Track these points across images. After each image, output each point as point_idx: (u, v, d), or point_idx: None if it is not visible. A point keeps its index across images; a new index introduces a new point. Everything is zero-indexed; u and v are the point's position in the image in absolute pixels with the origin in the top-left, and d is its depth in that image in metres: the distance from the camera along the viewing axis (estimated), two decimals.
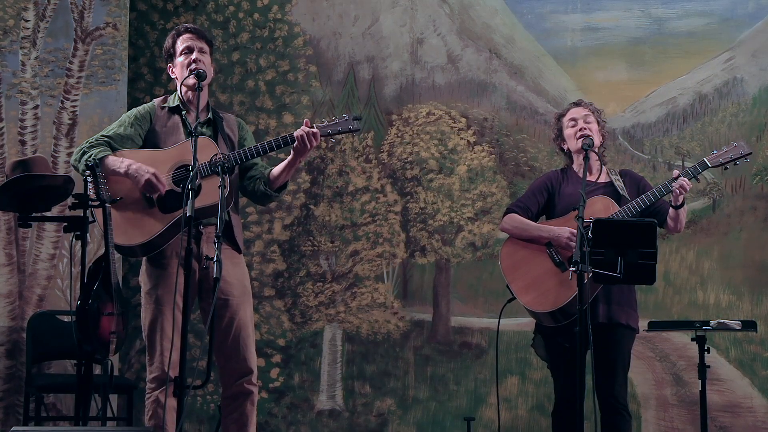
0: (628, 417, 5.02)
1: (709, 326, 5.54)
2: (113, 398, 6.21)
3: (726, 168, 5.07)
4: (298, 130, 4.77)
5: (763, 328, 6.34)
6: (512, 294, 5.09)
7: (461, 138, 6.99)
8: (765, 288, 6.51)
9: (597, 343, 4.77)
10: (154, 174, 4.70)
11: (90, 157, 4.71)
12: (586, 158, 4.91)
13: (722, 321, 5.64)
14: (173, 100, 4.97)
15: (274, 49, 7.18)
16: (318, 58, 7.16)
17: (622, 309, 5.04)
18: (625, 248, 4.74)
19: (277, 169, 4.88)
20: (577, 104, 5.27)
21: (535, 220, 5.18)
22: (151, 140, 4.88)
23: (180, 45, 4.91)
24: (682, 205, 4.98)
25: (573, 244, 4.89)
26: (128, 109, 6.90)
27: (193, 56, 4.86)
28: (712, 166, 5.02)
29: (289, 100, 7.16)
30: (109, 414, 5.88)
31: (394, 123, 7.06)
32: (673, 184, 4.90)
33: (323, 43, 7.18)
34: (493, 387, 6.67)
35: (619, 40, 6.84)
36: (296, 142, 4.76)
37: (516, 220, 5.15)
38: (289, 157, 4.83)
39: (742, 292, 6.54)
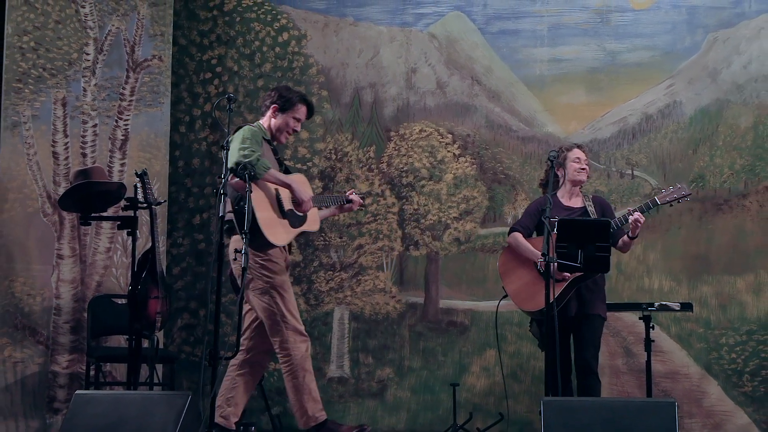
0: (598, 381, 5.36)
1: (653, 307, 5.62)
2: (159, 367, 6.22)
3: (671, 205, 5.53)
4: (356, 199, 5.51)
5: (698, 309, 6.38)
6: (506, 292, 5.48)
7: (448, 151, 7.00)
8: (700, 276, 6.54)
9: (576, 327, 5.37)
10: (311, 197, 5.24)
11: (262, 164, 5.01)
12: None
13: (664, 303, 5.71)
14: (266, 133, 5.30)
15: (292, 77, 7.20)
16: (328, 84, 7.18)
17: (593, 303, 5.39)
18: (584, 243, 4.83)
19: (324, 213, 5.54)
20: (580, 147, 5.63)
21: (531, 235, 5.54)
22: None
23: (300, 114, 5.33)
24: (636, 236, 5.37)
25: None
26: (171, 127, 6.97)
27: (299, 127, 5.38)
28: (661, 204, 5.45)
29: None
30: (155, 380, 5.89)
31: (392, 138, 7.08)
32: (630, 217, 5.28)
33: (333, 72, 7.20)
34: (475, 357, 6.73)
35: (579, 69, 6.86)
36: (349, 205, 5.53)
37: (519, 240, 5.51)
38: (334, 209, 5.56)
39: (680, 279, 6.57)
